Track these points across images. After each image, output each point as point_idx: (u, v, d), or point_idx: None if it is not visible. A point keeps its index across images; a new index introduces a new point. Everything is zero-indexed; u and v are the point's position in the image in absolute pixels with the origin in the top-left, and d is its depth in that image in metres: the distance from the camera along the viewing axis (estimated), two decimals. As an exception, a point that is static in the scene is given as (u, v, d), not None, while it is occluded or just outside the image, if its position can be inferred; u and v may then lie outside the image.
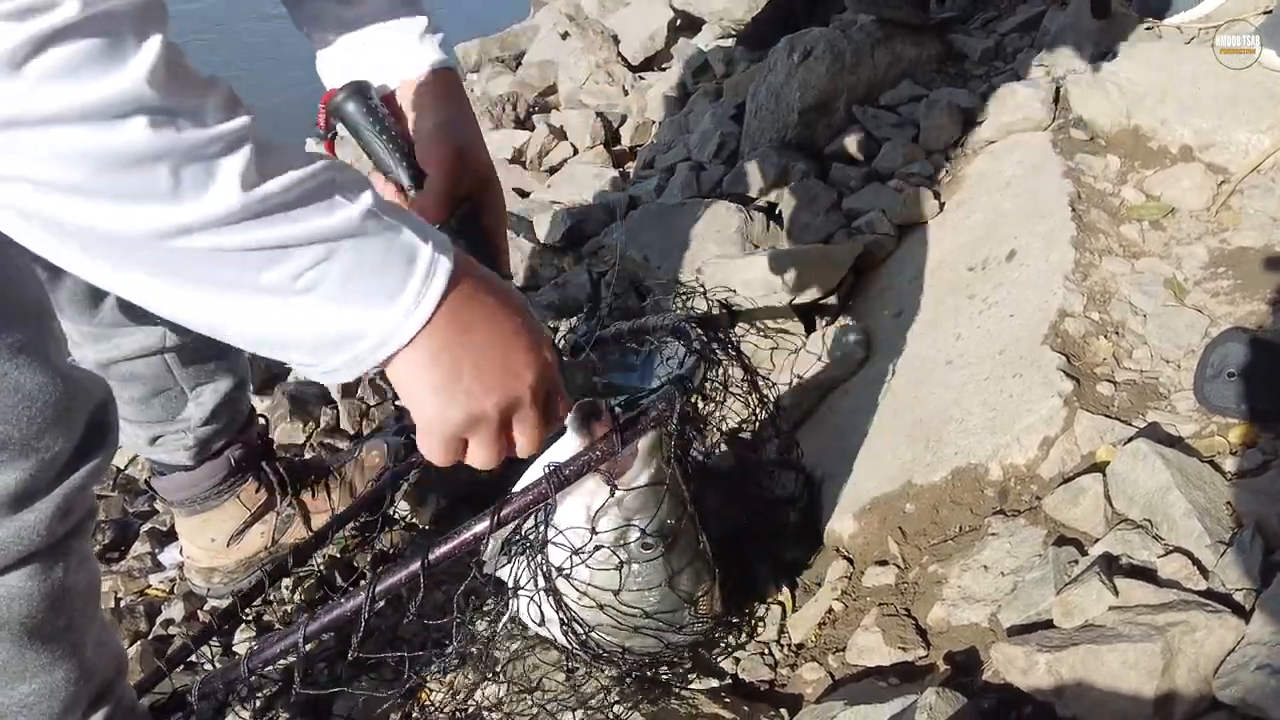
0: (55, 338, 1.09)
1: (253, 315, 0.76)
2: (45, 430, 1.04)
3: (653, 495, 1.17)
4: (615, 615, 1.22)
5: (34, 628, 1.07)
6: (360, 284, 0.76)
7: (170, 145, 0.66)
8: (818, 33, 2.49)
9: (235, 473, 1.77)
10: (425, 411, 0.85)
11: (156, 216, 0.68)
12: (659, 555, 1.21)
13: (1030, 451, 1.42)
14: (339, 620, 1.16)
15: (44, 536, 1.05)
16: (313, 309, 0.76)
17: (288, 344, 0.79)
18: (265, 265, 0.72)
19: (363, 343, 0.79)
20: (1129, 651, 1.05)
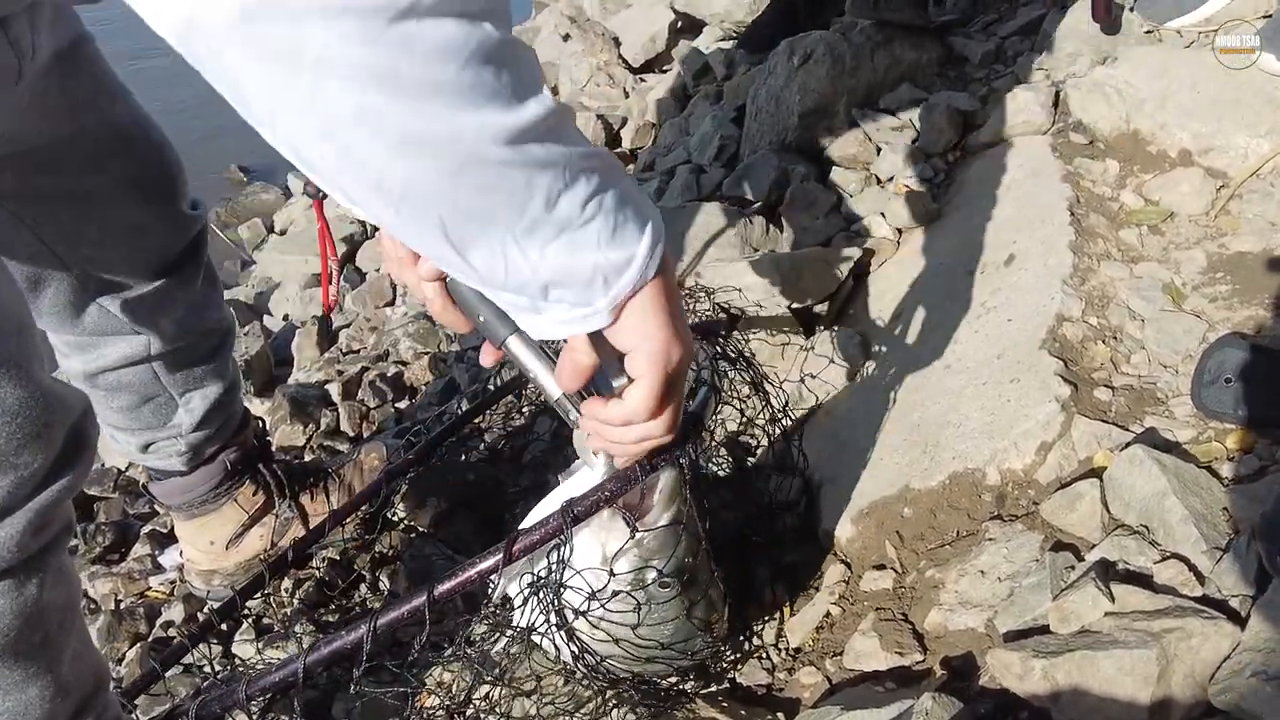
0: (36, 351, 1.08)
1: (543, 245, 0.78)
2: (24, 446, 1.03)
3: (672, 535, 1.16)
4: (630, 648, 1.22)
5: (6, 645, 1.05)
6: (622, 216, 0.80)
7: (511, 50, 0.70)
8: (818, 36, 2.49)
9: (231, 476, 1.77)
10: (659, 344, 0.88)
11: (493, 118, 0.69)
12: (676, 594, 1.20)
13: (1028, 456, 1.42)
14: (340, 652, 1.16)
15: (15, 553, 1.03)
16: (592, 239, 0.79)
17: (563, 280, 0.81)
18: (560, 189, 0.75)
19: (625, 276, 0.82)
20: (1125, 658, 1.05)
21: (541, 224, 0.77)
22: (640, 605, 1.17)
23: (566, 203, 0.76)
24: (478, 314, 1.04)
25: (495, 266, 0.78)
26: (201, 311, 1.61)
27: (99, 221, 1.41)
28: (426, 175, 0.71)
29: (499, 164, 0.72)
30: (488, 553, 1.11)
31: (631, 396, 0.92)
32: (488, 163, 0.71)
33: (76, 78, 1.32)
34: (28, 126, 1.25)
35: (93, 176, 1.39)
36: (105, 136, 1.39)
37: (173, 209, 1.50)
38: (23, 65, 1.06)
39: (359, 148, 0.68)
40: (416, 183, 0.71)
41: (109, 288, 1.47)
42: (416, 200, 0.73)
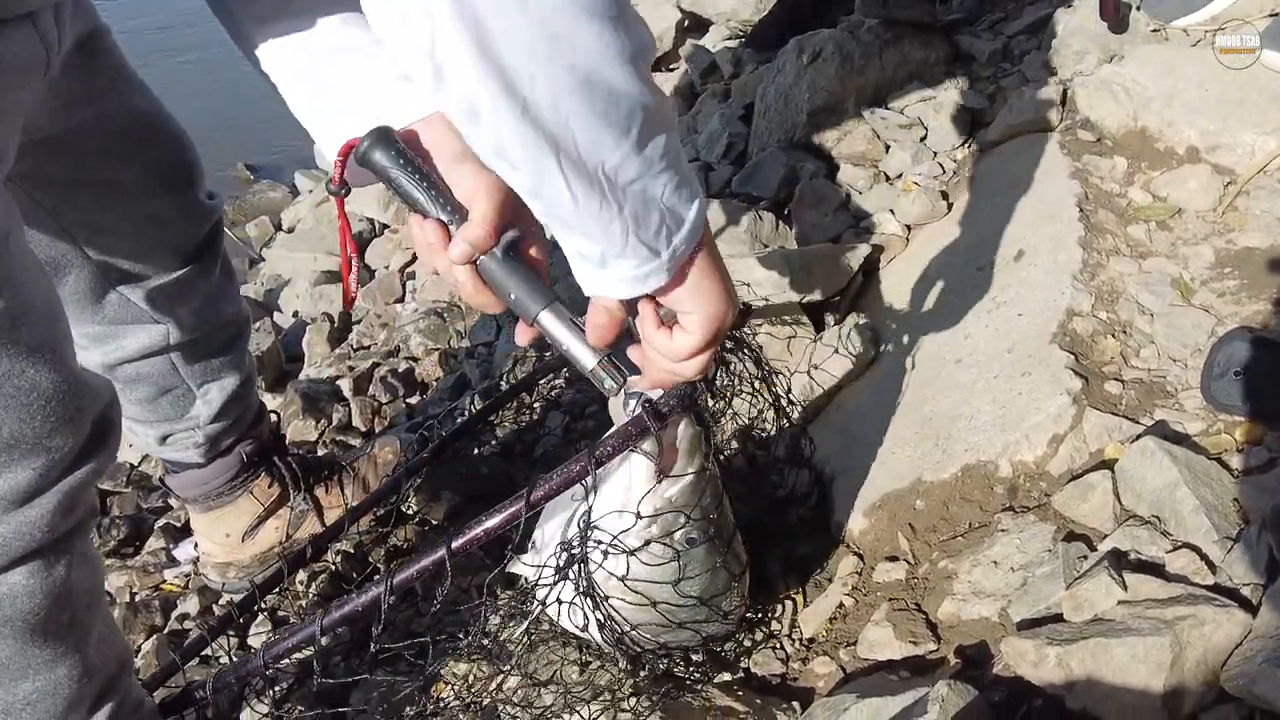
0: (68, 337, 1.10)
1: (627, 184, 0.85)
2: (57, 429, 1.05)
3: (698, 485, 1.17)
4: (665, 610, 1.22)
5: (37, 625, 1.07)
6: (683, 173, 0.88)
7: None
8: (826, 34, 2.51)
9: (247, 468, 1.78)
10: (716, 309, 0.98)
11: (617, 35, 0.77)
12: (705, 543, 1.20)
13: (1039, 449, 1.44)
14: (356, 612, 1.16)
15: (46, 533, 1.05)
16: (660, 188, 0.87)
17: (632, 227, 0.87)
18: (651, 131, 0.83)
19: (683, 230, 0.90)
20: (1138, 645, 1.07)
21: (630, 160, 0.83)
22: (677, 556, 1.17)
23: (652, 146, 0.83)
24: (509, 293, 1.07)
25: (590, 200, 0.84)
26: (218, 303, 1.62)
27: (120, 209, 1.43)
28: (558, 76, 0.77)
29: (617, 83, 0.79)
30: (508, 501, 1.10)
31: (678, 339, 0.99)
32: (609, 79, 0.78)
33: (96, 67, 1.34)
34: (48, 115, 1.26)
35: (113, 164, 1.40)
36: (125, 125, 1.41)
37: (191, 198, 1.52)
38: (51, 58, 1.07)
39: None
40: (545, 83, 0.77)
41: (129, 277, 1.48)
42: (543, 106, 0.78)
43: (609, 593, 1.19)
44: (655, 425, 1.09)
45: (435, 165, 1.08)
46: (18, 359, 1.00)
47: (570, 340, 1.08)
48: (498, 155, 0.85)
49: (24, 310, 1.02)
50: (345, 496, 1.89)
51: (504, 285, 1.06)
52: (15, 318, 1.00)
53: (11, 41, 0.99)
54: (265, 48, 1.12)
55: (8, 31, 0.98)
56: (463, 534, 1.11)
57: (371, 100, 1.11)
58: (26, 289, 1.03)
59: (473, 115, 0.81)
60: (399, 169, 1.06)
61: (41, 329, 1.04)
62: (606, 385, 1.11)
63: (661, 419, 1.09)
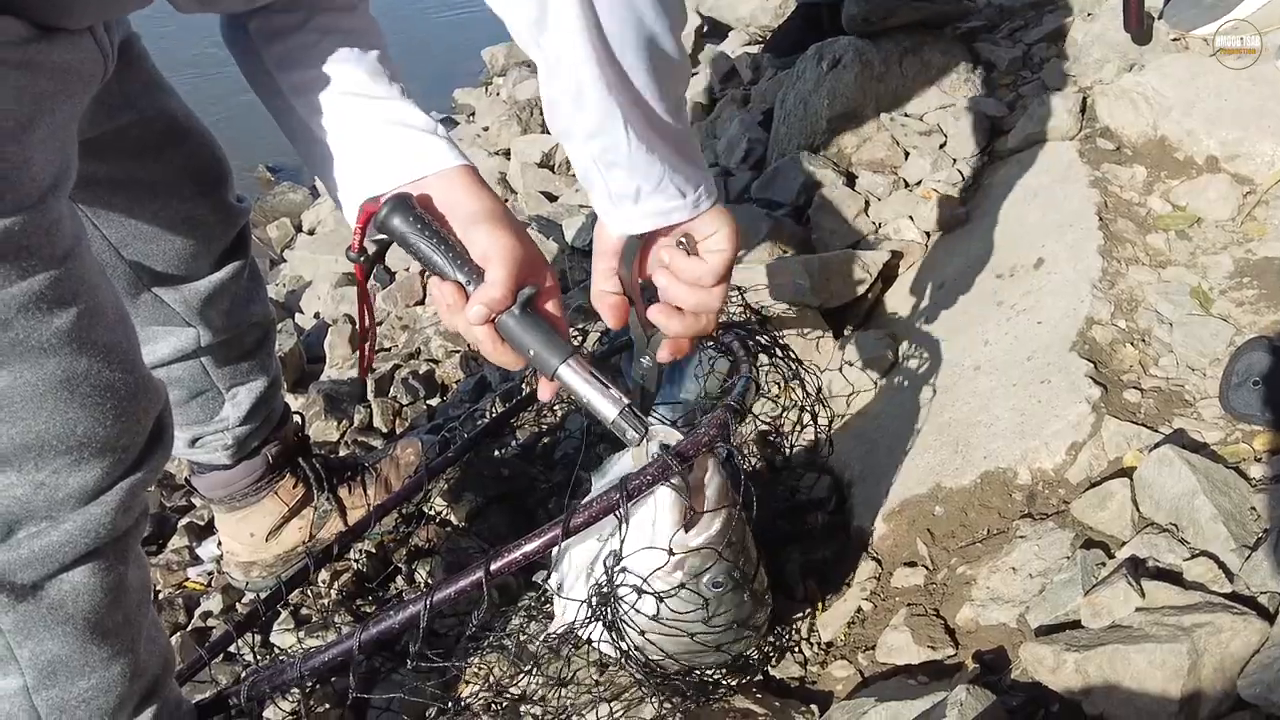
0: (134, 339, 1.13)
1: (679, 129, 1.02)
2: (125, 430, 1.07)
3: (724, 535, 1.17)
4: (692, 644, 1.23)
5: (96, 623, 1.09)
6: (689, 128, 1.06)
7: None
8: (846, 41, 2.52)
9: (273, 470, 1.80)
10: (733, 227, 1.09)
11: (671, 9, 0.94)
12: (732, 589, 1.21)
13: (1058, 456, 1.45)
14: (393, 630, 1.18)
15: (109, 531, 1.07)
16: (690, 139, 1.04)
17: (677, 161, 1.02)
18: (679, 89, 1.01)
19: (707, 181, 1.06)
20: (1156, 652, 1.08)
21: (673, 114, 1.00)
22: (707, 602, 1.18)
23: (684, 106, 1.03)
24: (528, 349, 1.10)
25: (640, 142, 0.98)
26: (247, 304, 1.64)
27: (153, 210, 1.45)
28: (631, 35, 0.92)
29: (669, 47, 0.95)
30: (545, 527, 1.12)
31: (711, 259, 1.09)
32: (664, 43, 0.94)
33: (132, 72, 1.36)
34: (88, 119, 1.28)
35: (148, 166, 1.42)
36: (160, 127, 1.43)
37: (222, 199, 1.54)
38: (108, 65, 1.10)
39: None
40: (624, 41, 0.92)
41: (162, 279, 1.50)
42: (619, 59, 0.93)
43: (638, 627, 1.20)
44: (678, 467, 1.11)
45: (451, 227, 1.12)
46: (94, 360, 1.02)
47: (590, 393, 1.11)
48: (576, 98, 0.95)
49: (99, 312, 1.04)
50: (368, 497, 1.90)
51: (522, 342, 1.09)
52: (92, 319, 1.02)
53: (79, 50, 1.02)
54: (285, 94, 1.19)
55: (75, 42, 1.01)
56: (501, 557, 1.13)
57: (389, 155, 1.15)
58: (100, 291, 1.05)
59: (559, 62, 0.94)
60: (417, 234, 1.09)
61: (115, 330, 1.06)
62: (629, 435, 1.12)
63: (685, 460, 1.12)
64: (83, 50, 1.03)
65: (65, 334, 0.99)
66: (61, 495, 1.03)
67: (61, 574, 1.05)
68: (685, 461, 1.12)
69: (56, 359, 0.98)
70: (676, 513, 1.14)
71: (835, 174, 2.35)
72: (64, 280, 0.98)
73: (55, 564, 1.04)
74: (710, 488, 1.17)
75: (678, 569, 1.16)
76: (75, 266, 1.00)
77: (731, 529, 1.18)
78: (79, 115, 1.07)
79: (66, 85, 1.01)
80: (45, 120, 0.96)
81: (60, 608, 1.06)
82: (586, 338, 2.24)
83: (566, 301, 2.42)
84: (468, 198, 1.13)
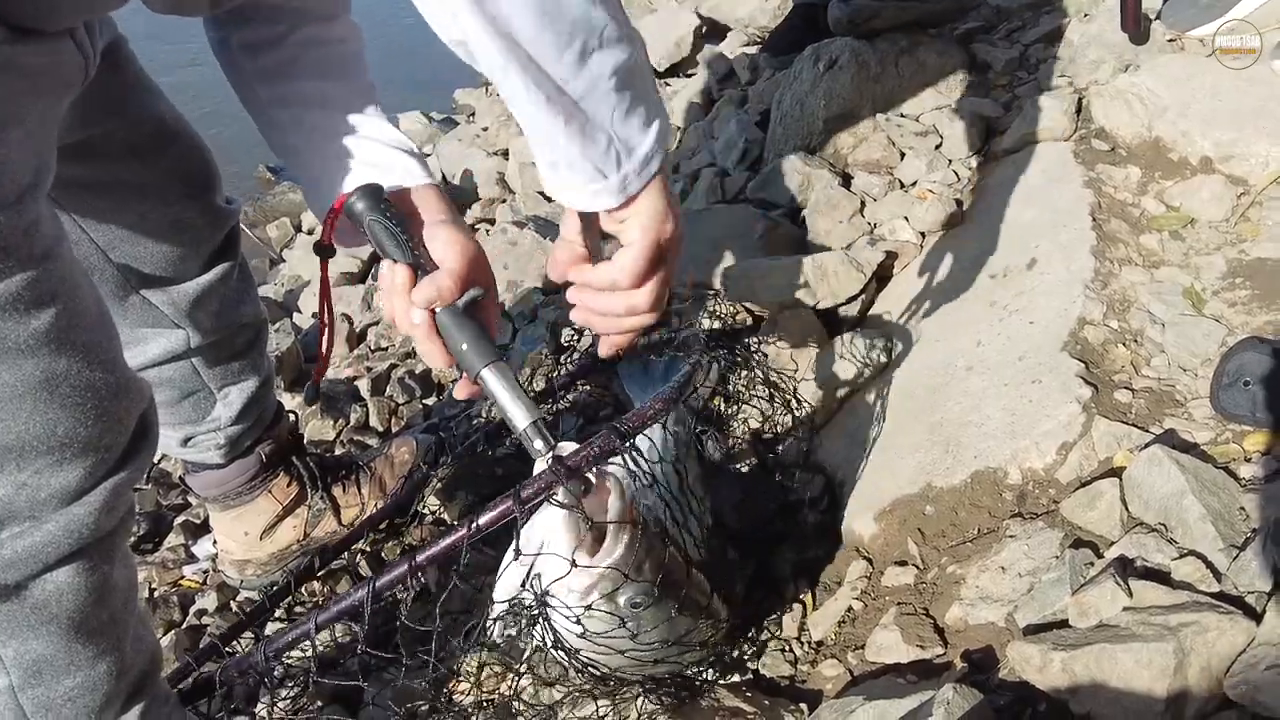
0: (116, 339, 1.13)
1: (583, 94, 0.87)
2: (108, 429, 1.07)
3: (629, 558, 1.17)
4: (632, 657, 1.25)
5: (81, 622, 1.09)
6: (643, 106, 0.89)
7: None
8: (843, 42, 2.52)
9: (266, 468, 1.81)
10: (653, 216, 0.96)
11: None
12: (651, 604, 1.21)
13: (1048, 456, 1.45)
14: (345, 611, 1.24)
15: (92, 531, 1.07)
16: (608, 111, 0.88)
17: (581, 142, 0.89)
18: (594, 45, 0.85)
19: (634, 158, 0.92)
20: (1142, 651, 1.08)
21: (574, 75, 0.85)
22: (624, 621, 1.19)
23: (598, 65, 0.85)
24: (460, 344, 1.13)
25: (538, 106, 0.86)
26: (237, 305, 1.64)
27: (141, 213, 1.45)
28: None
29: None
30: (456, 525, 1.16)
31: (619, 258, 0.98)
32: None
33: (119, 75, 1.37)
34: (74, 122, 1.29)
35: (136, 169, 1.43)
36: (147, 130, 1.43)
37: (210, 202, 1.54)
38: (89, 68, 1.10)
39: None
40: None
41: (151, 281, 1.51)
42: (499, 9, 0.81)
43: (576, 645, 1.22)
44: (566, 482, 1.10)
45: (417, 226, 1.18)
46: (74, 360, 1.03)
47: (507, 400, 1.13)
48: (470, 55, 0.87)
49: (79, 312, 1.04)
50: (362, 496, 1.91)
51: (456, 338, 1.13)
52: (72, 319, 1.02)
53: (57, 53, 1.02)
54: (267, 106, 1.21)
55: (53, 44, 1.01)
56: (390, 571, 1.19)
57: (363, 166, 1.20)
58: (80, 291, 1.05)
59: (453, 15, 0.85)
60: (378, 216, 1.15)
61: (95, 330, 1.07)
62: (536, 446, 1.13)
63: (574, 474, 1.10)
64: (62, 53, 1.03)
65: (44, 334, 0.99)
66: (44, 495, 1.03)
67: (45, 574, 1.05)
68: (574, 475, 1.10)
69: (35, 360, 0.99)
70: (570, 531, 1.13)
71: (831, 174, 2.35)
72: (42, 281, 0.98)
73: (39, 564, 1.04)
74: (611, 509, 1.15)
75: (592, 590, 1.16)
76: (54, 267, 1.00)
77: (640, 549, 1.17)
78: (58, 117, 1.07)
79: (44, 87, 1.01)
80: (22, 122, 0.96)
81: (44, 608, 1.06)
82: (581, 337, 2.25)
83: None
84: (434, 209, 1.19)
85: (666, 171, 0.97)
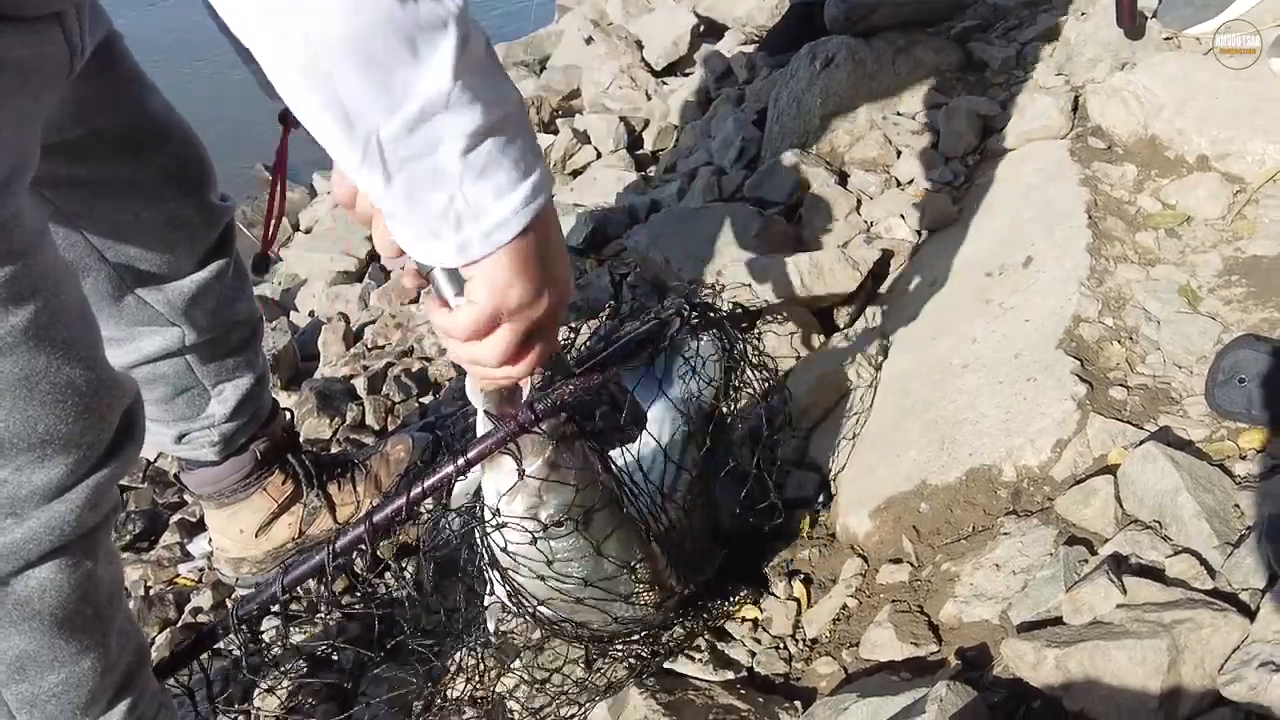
0: (97, 336, 1.13)
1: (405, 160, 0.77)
2: (89, 426, 1.07)
3: (555, 479, 1.20)
4: (555, 585, 1.27)
5: (64, 619, 1.09)
6: (509, 165, 0.80)
7: None
8: (839, 40, 2.52)
9: (261, 466, 1.80)
10: (499, 281, 0.86)
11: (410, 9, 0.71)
12: (572, 532, 1.24)
13: (1043, 453, 1.45)
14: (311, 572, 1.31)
15: (75, 527, 1.07)
16: (461, 169, 0.78)
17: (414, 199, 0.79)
18: (475, 106, 0.76)
19: (478, 225, 0.81)
20: (1136, 648, 1.08)
21: (404, 134, 0.75)
22: (535, 539, 1.23)
23: (439, 124, 0.76)
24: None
25: (353, 162, 0.77)
26: (232, 303, 1.64)
27: (136, 211, 1.45)
28: (328, 28, 0.70)
29: (393, 49, 0.71)
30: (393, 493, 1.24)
31: (458, 312, 0.90)
32: (384, 42, 0.71)
33: (113, 72, 1.36)
34: (68, 119, 1.29)
35: (130, 166, 1.42)
36: (142, 127, 1.43)
37: (205, 199, 1.54)
38: (75, 61, 1.10)
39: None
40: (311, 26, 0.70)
41: (146, 279, 1.51)
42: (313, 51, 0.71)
43: (504, 563, 1.26)
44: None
45: None
46: (54, 357, 1.02)
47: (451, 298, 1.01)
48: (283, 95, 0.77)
49: (60, 309, 1.04)
50: (358, 493, 1.91)
51: None
52: (52, 316, 1.02)
53: (41, 41, 1.01)
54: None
55: (37, 30, 1.00)
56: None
57: None
58: (62, 288, 1.05)
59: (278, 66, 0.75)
60: None
61: (76, 327, 1.06)
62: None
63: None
64: (46, 43, 1.02)
65: (22, 331, 0.99)
66: (25, 492, 1.03)
67: (27, 570, 1.05)
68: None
69: (14, 356, 0.98)
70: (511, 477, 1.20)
71: (827, 172, 2.35)
72: (22, 277, 0.98)
73: (20, 561, 1.04)
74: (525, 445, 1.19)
75: (513, 501, 1.21)
76: (35, 262, 1.00)
77: (568, 470, 1.21)
78: (41, 110, 1.06)
79: (25, 79, 1.00)
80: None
81: (27, 604, 1.06)
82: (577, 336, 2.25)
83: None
84: None
85: (540, 233, 0.85)
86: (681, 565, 1.41)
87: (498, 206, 0.81)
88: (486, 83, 0.77)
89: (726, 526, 1.56)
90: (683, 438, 1.46)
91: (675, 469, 1.42)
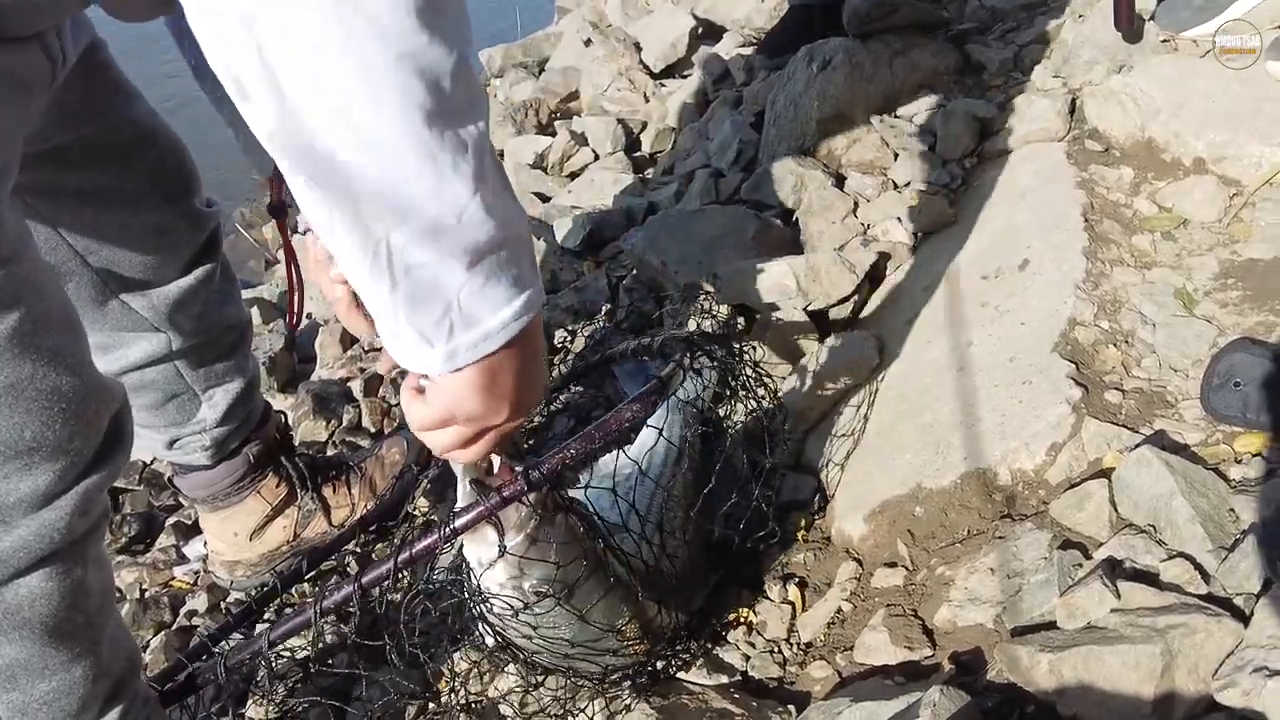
0: (84, 342, 1.13)
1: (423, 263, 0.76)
2: (76, 433, 1.07)
3: (534, 555, 1.20)
4: (543, 645, 1.29)
5: (55, 626, 1.09)
6: (506, 279, 0.81)
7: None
8: (837, 43, 2.52)
9: (254, 469, 1.80)
10: (453, 395, 0.86)
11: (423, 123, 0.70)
12: (557, 600, 1.24)
13: (1038, 457, 1.45)
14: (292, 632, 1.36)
15: (64, 535, 1.07)
16: (463, 282, 0.78)
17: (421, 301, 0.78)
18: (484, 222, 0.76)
19: (472, 333, 0.81)
20: (1130, 652, 1.08)
21: (415, 243, 0.75)
22: (525, 608, 1.23)
23: (451, 238, 0.75)
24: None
25: (362, 267, 0.77)
26: (220, 307, 1.64)
27: (120, 218, 1.45)
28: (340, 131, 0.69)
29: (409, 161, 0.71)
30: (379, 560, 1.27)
31: (416, 410, 0.91)
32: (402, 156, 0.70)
33: (96, 80, 1.36)
34: (52, 127, 1.29)
35: (114, 174, 1.42)
36: (126, 135, 1.43)
37: (190, 205, 1.54)
38: (56, 71, 1.10)
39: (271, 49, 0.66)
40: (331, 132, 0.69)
41: (130, 285, 1.50)
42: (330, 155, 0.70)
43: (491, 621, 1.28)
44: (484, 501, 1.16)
45: None
46: (40, 364, 1.02)
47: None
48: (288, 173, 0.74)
49: (44, 316, 1.03)
50: (352, 496, 1.91)
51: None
52: (36, 323, 1.02)
53: (24, 57, 1.02)
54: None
55: (21, 48, 1.01)
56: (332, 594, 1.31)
57: None
58: (46, 295, 1.05)
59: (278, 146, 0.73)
60: None
61: (61, 334, 1.06)
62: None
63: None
64: (27, 56, 1.02)
65: (7, 338, 0.99)
66: (13, 500, 1.03)
67: (17, 579, 1.05)
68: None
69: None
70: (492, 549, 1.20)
71: (824, 175, 2.35)
72: (4, 284, 0.98)
73: (9, 569, 1.04)
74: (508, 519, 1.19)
75: (494, 566, 1.21)
76: (18, 270, 0.99)
77: (545, 552, 1.21)
78: (23, 120, 1.06)
79: (5, 91, 1.00)
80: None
81: (16, 612, 1.06)
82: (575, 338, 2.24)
83: (555, 301, 2.42)
84: None
85: (525, 347, 0.86)
86: (674, 600, 1.42)
87: (491, 318, 0.82)
88: (498, 203, 0.77)
89: (720, 549, 1.56)
90: (678, 468, 1.48)
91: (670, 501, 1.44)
